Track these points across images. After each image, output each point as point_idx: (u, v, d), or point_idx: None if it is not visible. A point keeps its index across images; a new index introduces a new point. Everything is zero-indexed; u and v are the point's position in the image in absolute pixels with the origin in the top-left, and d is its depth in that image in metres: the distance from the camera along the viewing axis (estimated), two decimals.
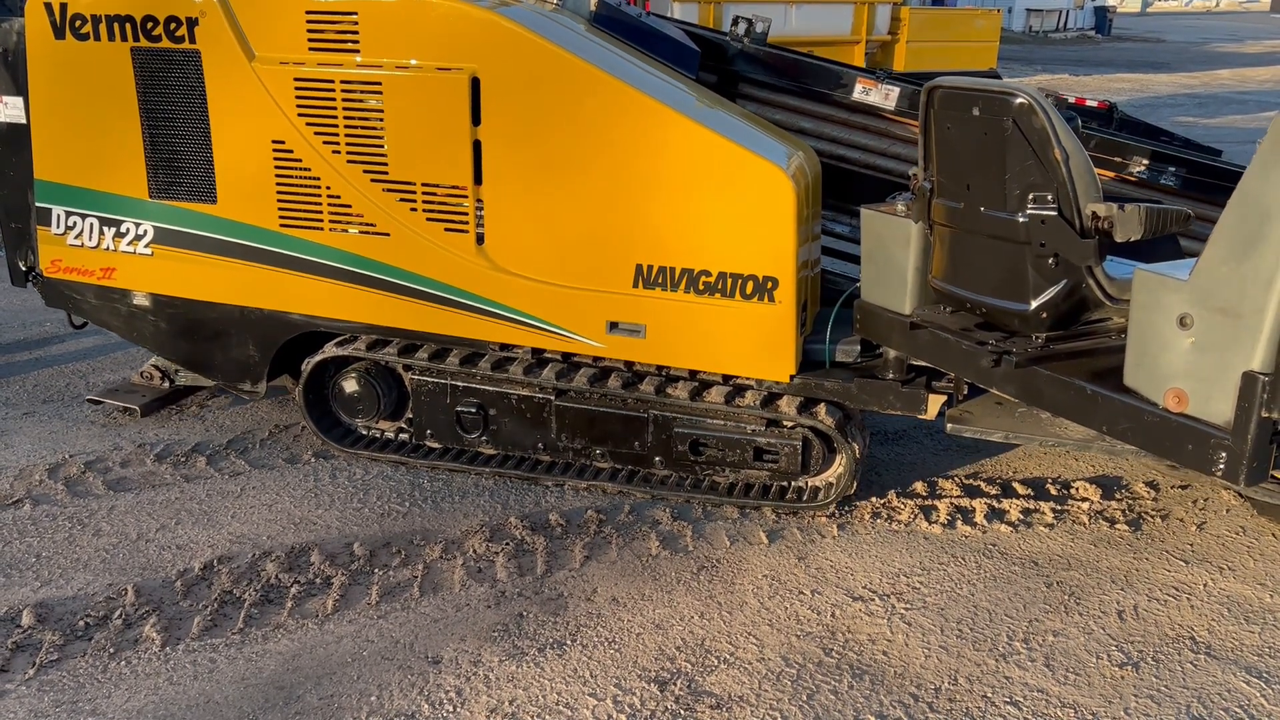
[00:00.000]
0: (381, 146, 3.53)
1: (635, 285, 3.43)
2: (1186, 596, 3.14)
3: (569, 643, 2.86)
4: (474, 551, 3.29)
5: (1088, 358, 2.88)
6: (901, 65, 10.80)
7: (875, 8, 10.49)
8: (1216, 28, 41.08)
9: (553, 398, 3.62)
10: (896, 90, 3.81)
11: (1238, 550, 3.41)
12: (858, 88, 3.87)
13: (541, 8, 3.67)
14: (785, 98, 4.03)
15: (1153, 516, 3.61)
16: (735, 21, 4.07)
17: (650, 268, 3.41)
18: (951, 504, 3.63)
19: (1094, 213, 2.65)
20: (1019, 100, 2.64)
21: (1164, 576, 3.24)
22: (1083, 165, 2.66)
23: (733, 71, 4.05)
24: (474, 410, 3.70)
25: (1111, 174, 3.78)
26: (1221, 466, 2.48)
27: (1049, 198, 2.68)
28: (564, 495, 3.66)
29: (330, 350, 3.79)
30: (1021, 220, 2.74)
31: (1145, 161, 3.71)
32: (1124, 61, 24.60)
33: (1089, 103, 4.25)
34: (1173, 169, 3.70)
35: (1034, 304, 2.81)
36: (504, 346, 3.66)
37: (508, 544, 3.33)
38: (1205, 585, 3.20)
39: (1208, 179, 3.63)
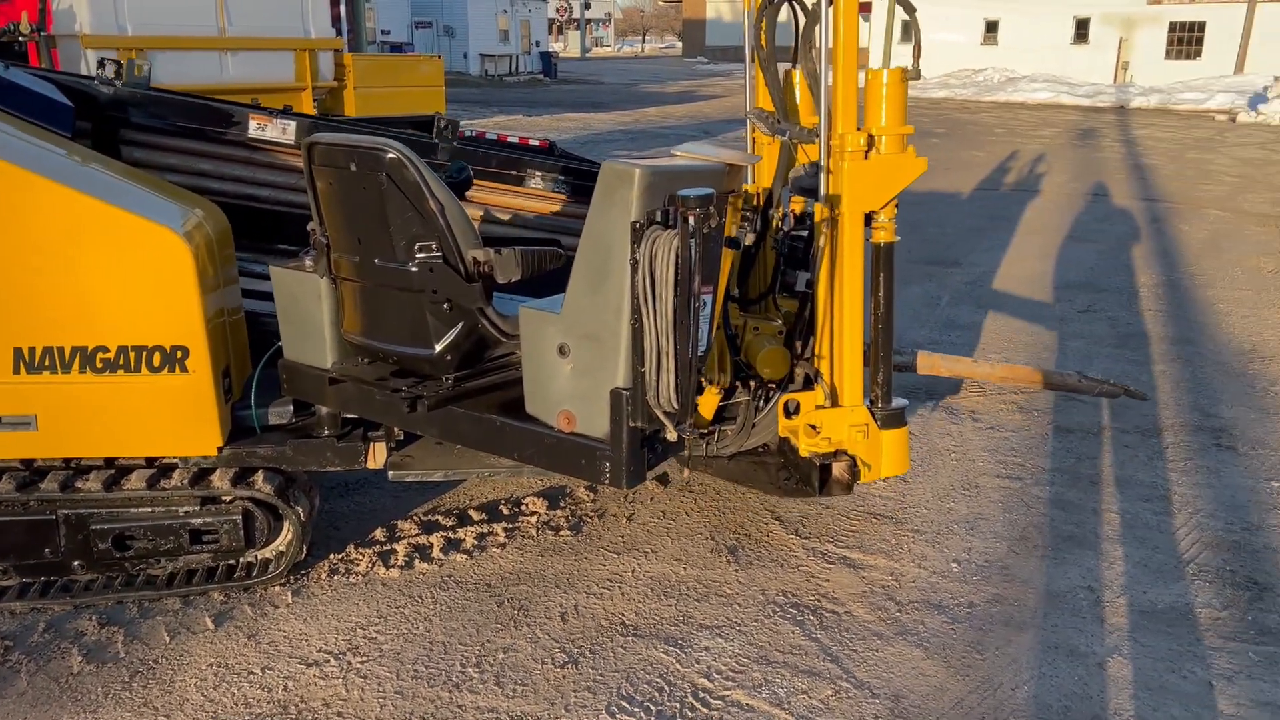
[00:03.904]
0: None
1: (16, 372, 3.03)
2: (619, 585, 3.51)
3: None
4: None
5: (497, 392, 3.10)
6: (353, 111, 10.87)
7: (317, 54, 10.43)
8: (643, 71, 47.04)
9: None
10: (293, 124, 3.79)
11: (659, 533, 3.89)
12: (252, 124, 3.79)
13: None
14: (178, 141, 3.81)
15: (592, 517, 3.99)
16: (101, 64, 3.75)
17: (33, 350, 3.04)
18: (410, 544, 3.70)
19: (474, 258, 2.86)
20: (389, 155, 2.76)
21: (600, 571, 3.59)
22: (458, 214, 2.85)
23: (112, 120, 3.73)
24: None
25: (516, 193, 4.07)
26: (608, 475, 2.80)
27: (433, 246, 2.84)
28: None
29: None
30: (412, 269, 2.87)
31: (539, 173, 4.05)
32: (570, 102, 27.19)
33: (532, 142, 4.56)
34: (562, 177, 4.09)
35: (438, 347, 2.96)
36: None
37: None
38: (633, 571, 3.61)
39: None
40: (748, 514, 4.03)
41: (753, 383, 3.55)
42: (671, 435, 2.80)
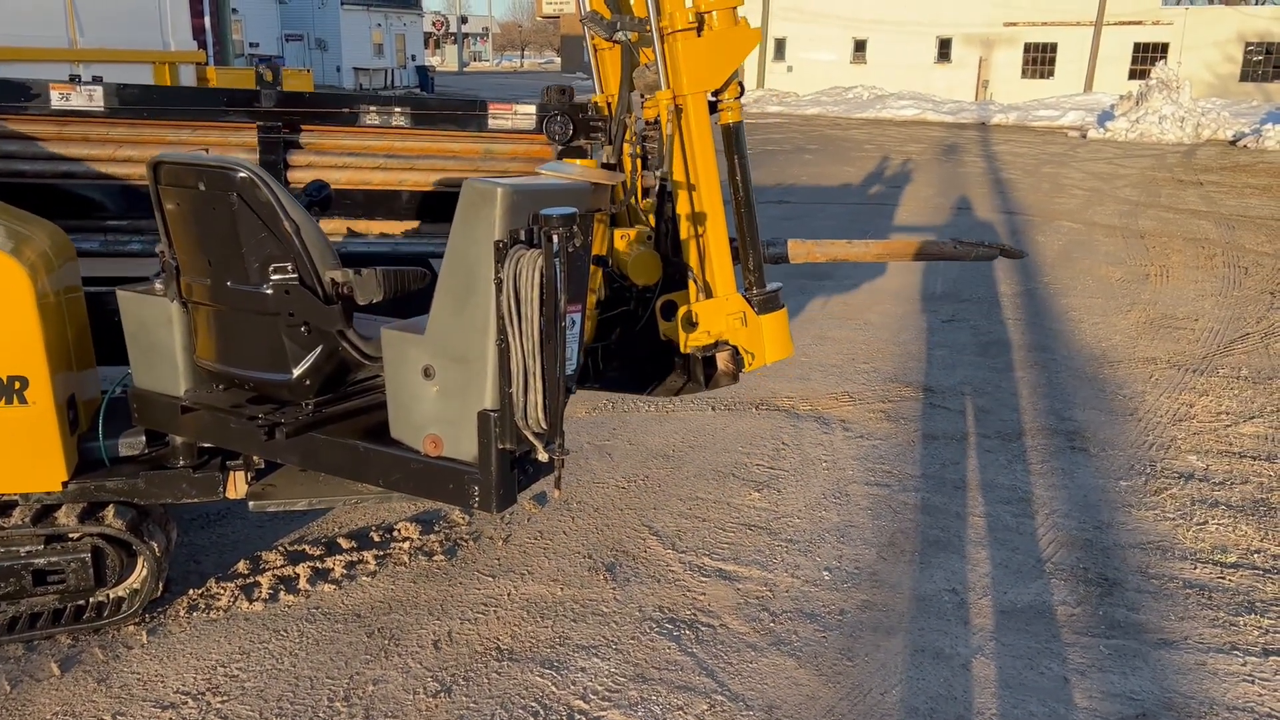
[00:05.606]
0: None
1: None
2: (494, 609, 3.45)
3: None
4: None
5: (361, 416, 3.01)
6: None
7: (177, 67, 10.02)
8: (522, 86, 46.82)
9: None
10: (99, 89, 3.60)
11: (536, 554, 3.84)
12: (54, 95, 3.57)
13: None
14: None
15: (467, 541, 3.92)
16: None
17: None
18: (275, 576, 3.56)
19: (333, 279, 2.77)
20: (240, 174, 2.66)
21: (475, 596, 3.53)
22: (314, 234, 2.76)
23: None
24: None
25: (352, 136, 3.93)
26: (477, 499, 2.75)
27: (289, 268, 2.75)
28: None
29: None
30: (267, 292, 2.77)
31: (373, 109, 3.91)
32: None
33: None
34: (399, 109, 3.98)
35: (296, 372, 2.85)
36: None
37: None
38: (509, 594, 3.55)
39: (434, 112, 4.00)
40: (625, 530, 4.03)
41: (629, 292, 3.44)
42: (542, 456, 2.77)
